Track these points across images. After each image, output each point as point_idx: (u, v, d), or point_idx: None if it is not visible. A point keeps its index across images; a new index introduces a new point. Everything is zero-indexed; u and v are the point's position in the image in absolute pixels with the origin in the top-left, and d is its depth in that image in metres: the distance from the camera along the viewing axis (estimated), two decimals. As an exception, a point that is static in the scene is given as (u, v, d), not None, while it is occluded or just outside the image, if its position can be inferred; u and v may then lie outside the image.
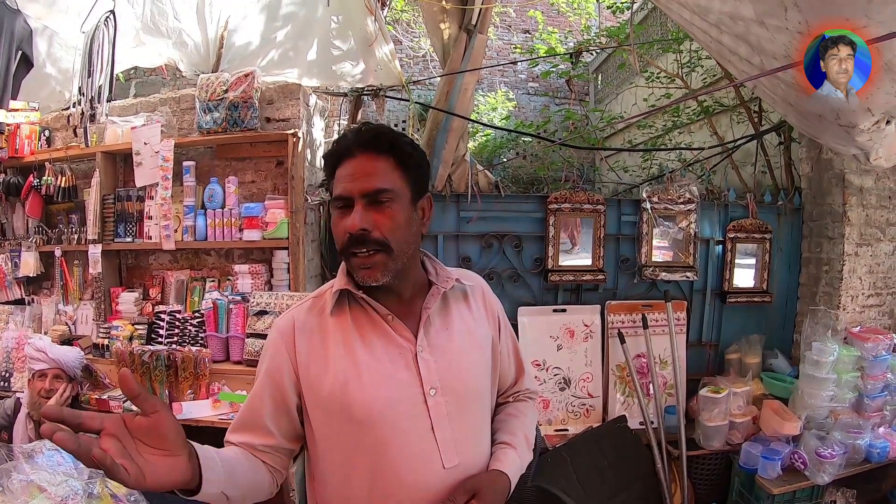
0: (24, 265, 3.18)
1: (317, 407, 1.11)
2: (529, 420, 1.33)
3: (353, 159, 1.08)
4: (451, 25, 3.01)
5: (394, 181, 1.08)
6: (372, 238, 1.06)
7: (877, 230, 3.11)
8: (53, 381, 2.48)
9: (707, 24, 2.12)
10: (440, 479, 1.08)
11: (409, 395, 1.09)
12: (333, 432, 1.11)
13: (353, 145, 1.09)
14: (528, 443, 1.26)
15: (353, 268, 1.10)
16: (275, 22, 3.17)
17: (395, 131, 1.15)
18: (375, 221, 1.06)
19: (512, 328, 1.37)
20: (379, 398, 1.07)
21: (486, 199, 3.09)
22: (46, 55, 3.32)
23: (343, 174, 1.09)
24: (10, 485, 1.63)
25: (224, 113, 2.79)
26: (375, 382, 1.08)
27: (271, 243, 2.77)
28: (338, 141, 1.14)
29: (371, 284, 1.09)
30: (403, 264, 1.11)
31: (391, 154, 1.09)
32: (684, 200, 3.19)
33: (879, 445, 2.73)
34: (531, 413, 1.36)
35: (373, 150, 1.08)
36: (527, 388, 1.39)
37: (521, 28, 10.10)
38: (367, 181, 1.06)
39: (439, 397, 1.10)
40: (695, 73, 5.06)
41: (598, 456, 2.70)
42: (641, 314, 3.08)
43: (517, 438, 1.23)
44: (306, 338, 1.13)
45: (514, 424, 1.27)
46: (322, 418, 1.11)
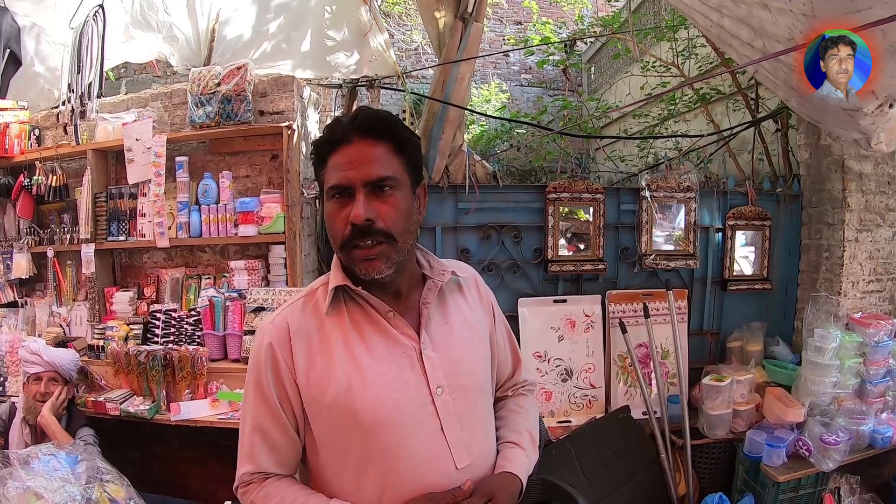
0: (16, 267, 3.13)
1: (320, 415, 1.05)
2: (532, 416, 1.30)
3: (351, 146, 1.03)
4: (446, 14, 2.96)
5: (395, 168, 1.04)
6: (377, 228, 1.00)
7: (876, 216, 3.10)
8: (49, 384, 2.44)
9: (707, 8, 2.09)
10: (454, 480, 1.04)
11: (417, 396, 1.04)
12: (339, 440, 1.05)
13: (351, 130, 1.03)
14: (533, 441, 1.24)
15: (353, 261, 1.03)
16: (267, 13, 3.12)
17: (393, 115, 1.10)
18: (379, 211, 1.01)
19: (505, 319, 1.33)
20: (385, 402, 1.02)
21: (484, 189, 3.06)
22: (35, 53, 3.26)
23: (340, 162, 1.03)
24: (6, 492, 1.60)
25: (217, 107, 2.74)
26: (380, 385, 1.03)
27: (267, 238, 2.73)
28: (331, 127, 1.07)
29: (374, 277, 1.03)
30: (405, 256, 1.07)
31: (390, 139, 1.04)
32: (683, 189, 3.17)
33: (883, 431, 2.73)
34: (532, 408, 1.32)
35: (372, 136, 1.03)
36: (524, 379, 1.35)
37: (513, 19, 10.06)
38: (370, 168, 1.01)
39: (446, 396, 1.06)
40: (690, 60, 5.04)
41: (602, 447, 2.69)
42: (642, 303, 3.06)
43: (524, 438, 1.21)
44: (304, 341, 1.06)
45: (517, 422, 1.24)
46: (326, 426, 1.06)
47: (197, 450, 2.73)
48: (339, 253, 1.06)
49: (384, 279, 1.05)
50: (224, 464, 2.67)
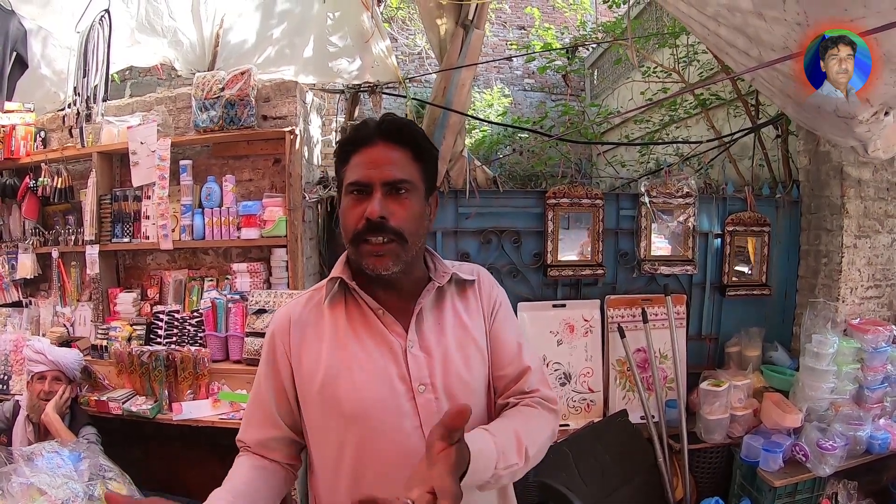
0: (20, 267, 3.16)
1: (309, 400, 1.12)
2: (530, 423, 1.12)
3: (374, 147, 1.08)
4: (447, 21, 2.99)
5: (412, 173, 1.09)
6: (390, 227, 1.05)
7: (875, 222, 3.11)
8: (53, 382, 2.47)
9: (705, 17, 2.12)
10: None
11: (398, 391, 1.08)
12: (324, 425, 1.12)
13: (375, 133, 1.09)
14: (517, 442, 1.04)
15: (362, 255, 1.08)
16: (270, 19, 3.15)
17: (417, 125, 1.16)
18: (394, 211, 1.06)
19: (517, 324, 1.28)
20: (367, 393, 1.07)
21: (485, 194, 3.09)
22: (41, 56, 3.29)
23: (361, 161, 1.08)
24: (10, 488, 1.63)
25: (220, 111, 2.78)
26: (364, 377, 1.08)
27: (269, 241, 2.76)
28: (357, 128, 1.13)
29: (381, 273, 1.07)
30: (413, 257, 1.11)
31: (411, 147, 1.10)
32: (683, 194, 3.19)
33: (880, 437, 2.74)
34: (537, 419, 1.14)
35: (394, 141, 1.09)
36: (536, 388, 1.18)
37: (516, 24, 10.09)
38: (389, 170, 1.06)
39: (429, 394, 1.09)
40: (691, 67, 5.06)
41: (599, 451, 2.70)
42: (641, 308, 3.07)
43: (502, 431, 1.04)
44: (300, 331, 1.14)
45: (506, 421, 1.11)
46: (314, 411, 1.12)
47: (198, 449, 2.76)
48: (350, 246, 1.11)
49: (389, 276, 1.09)
50: (225, 464, 2.66)
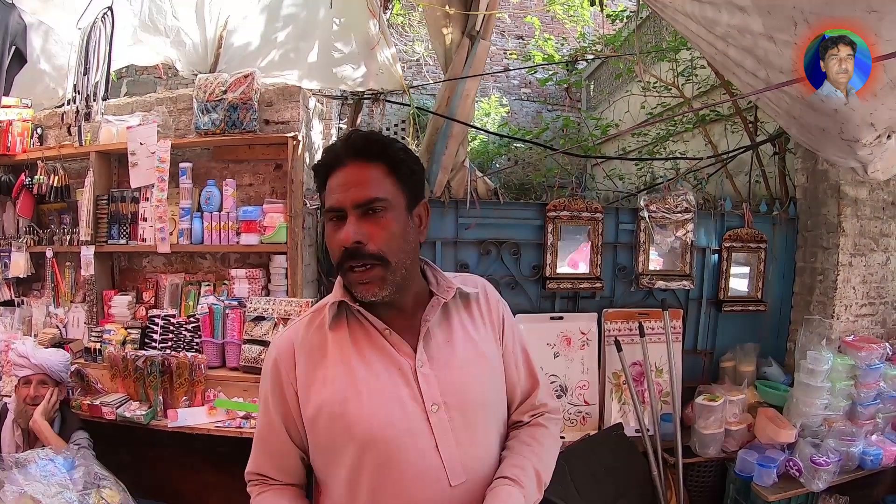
0: (13, 266, 3.11)
1: (317, 425, 1.09)
2: (546, 452, 1.20)
3: (344, 168, 1.06)
4: (453, 31, 3.00)
5: (387, 189, 1.06)
6: (367, 252, 1.03)
7: (870, 241, 3.15)
8: (38, 387, 2.39)
9: (713, 37, 2.13)
10: (447, 497, 1.05)
11: (410, 412, 1.06)
12: (335, 450, 1.08)
13: (343, 154, 1.06)
14: (538, 480, 1.14)
15: (350, 283, 1.07)
16: (275, 23, 3.14)
17: (386, 137, 1.12)
18: (370, 233, 1.03)
19: (523, 337, 1.30)
20: (379, 417, 1.04)
21: (485, 205, 3.09)
22: (41, 51, 3.26)
23: (334, 184, 1.06)
24: (3, 496, 1.59)
25: (222, 114, 2.76)
26: (375, 401, 1.05)
27: (269, 248, 2.74)
28: (327, 150, 1.11)
29: (371, 300, 1.06)
30: (402, 276, 1.08)
31: (382, 161, 1.07)
32: (681, 209, 3.21)
33: (873, 453, 2.76)
34: (549, 442, 1.23)
35: (363, 158, 1.06)
36: (544, 402, 1.27)
37: (514, 34, 10.15)
38: (359, 191, 1.03)
39: (442, 413, 1.07)
40: (691, 82, 5.10)
41: (594, 463, 2.70)
42: (638, 322, 3.08)
43: (526, 474, 1.11)
44: (305, 356, 1.11)
45: (525, 455, 1.16)
46: (323, 436, 1.09)
47: (191, 456, 2.71)
48: (339, 273, 1.10)
49: (383, 300, 1.07)
50: (218, 471, 2.66)
